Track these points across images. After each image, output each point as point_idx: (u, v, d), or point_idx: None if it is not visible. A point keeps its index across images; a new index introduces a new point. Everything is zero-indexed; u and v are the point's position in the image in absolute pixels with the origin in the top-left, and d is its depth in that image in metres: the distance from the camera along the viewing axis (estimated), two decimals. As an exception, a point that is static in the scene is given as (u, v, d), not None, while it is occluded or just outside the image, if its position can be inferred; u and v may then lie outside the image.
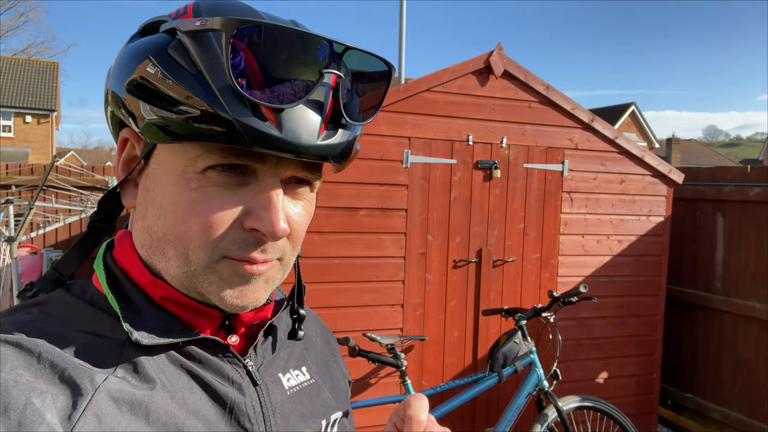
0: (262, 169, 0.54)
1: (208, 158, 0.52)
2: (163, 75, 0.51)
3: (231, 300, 0.55)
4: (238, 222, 0.54)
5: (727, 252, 4.03)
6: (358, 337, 3.14)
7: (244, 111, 0.49)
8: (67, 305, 0.56)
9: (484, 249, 3.51)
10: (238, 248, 0.54)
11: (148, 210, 0.56)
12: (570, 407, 2.96)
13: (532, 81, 3.52)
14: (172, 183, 0.54)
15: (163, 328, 0.56)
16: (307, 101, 0.52)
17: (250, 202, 0.54)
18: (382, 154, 3.25)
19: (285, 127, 0.50)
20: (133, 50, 0.54)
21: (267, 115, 0.50)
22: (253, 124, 0.49)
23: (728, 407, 3.97)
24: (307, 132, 0.51)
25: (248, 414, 0.57)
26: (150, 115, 0.52)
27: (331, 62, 0.53)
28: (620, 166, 3.80)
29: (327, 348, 0.78)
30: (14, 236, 3.77)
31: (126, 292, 0.58)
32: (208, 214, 0.52)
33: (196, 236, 0.53)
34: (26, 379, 0.46)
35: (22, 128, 25.87)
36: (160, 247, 0.55)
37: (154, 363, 0.54)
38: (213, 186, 0.53)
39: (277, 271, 0.59)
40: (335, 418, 0.69)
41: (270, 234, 0.53)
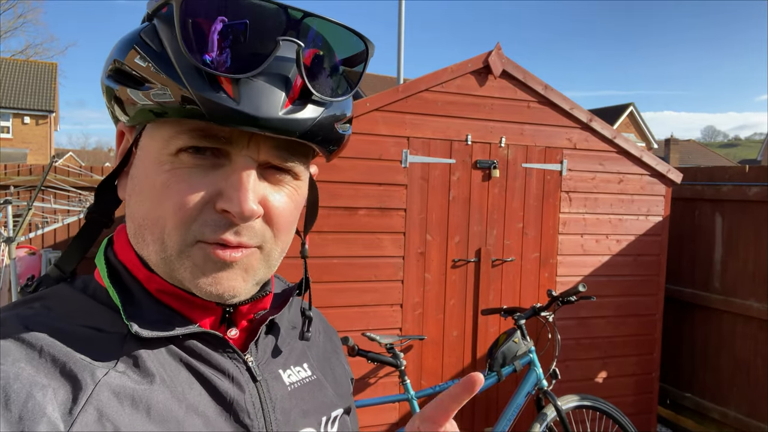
0: (234, 151, 0.53)
1: (178, 139, 0.52)
2: (136, 58, 0.52)
3: (206, 287, 0.54)
4: (211, 204, 0.53)
5: (725, 251, 4.04)
6: (357, 336, 3.14)
7: (202, 84, 0.49)
8: (69, 299, 0.57)
9: (483, 248, 3.51)
10: (210, 230, 0.53)
11: (132, 197, 0.57)
12: (569, 406, 2.96)
13: (530, 81, 3.52)
14: (149, 167, 0.54)
15: (163, 321, 0.56)
16: (269, 74, 0.50)
17: (221, 182, 0.53)
18: (380, 154, 3.25)
19: (243, 99, 0.49)
20: (117, 41, 0.56)
21: (227, 89, 0.49)
22: (209, 96, 0.48)
23: (727, 406, 3.97)
24: (267, 104, 0.50)
25: (248, 410, 0.57)
26: (127, 98, 0.53)
27: (288, 30, 0.51)
28: (619, 165, 3.80)
29: (329, 345, 0.78)
30: (13, 237, 3.77)
31: (126, 285, 0.58)
32: (180, 195, 0.52)
33: (170, 219, 0.53)
34: (28, 372, 0.46)
35: (20, 129, 25.83)
36: (141, 233, 0.56)
37: (154, 357, 0.54)
38: (185, 168, 0.53)
39: (258, 260, 0.57)
40: (336, 414, 0.68)
41: (238, 214, 0.52)
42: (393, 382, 3.34)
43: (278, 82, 0.51)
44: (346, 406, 0.72)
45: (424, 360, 3.44)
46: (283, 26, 0.51)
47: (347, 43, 0.56)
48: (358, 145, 3.18)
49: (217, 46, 0.49)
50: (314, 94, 0.53)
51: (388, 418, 3.34)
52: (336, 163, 3.11)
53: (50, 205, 4.77)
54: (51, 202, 4.87)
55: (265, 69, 0.50)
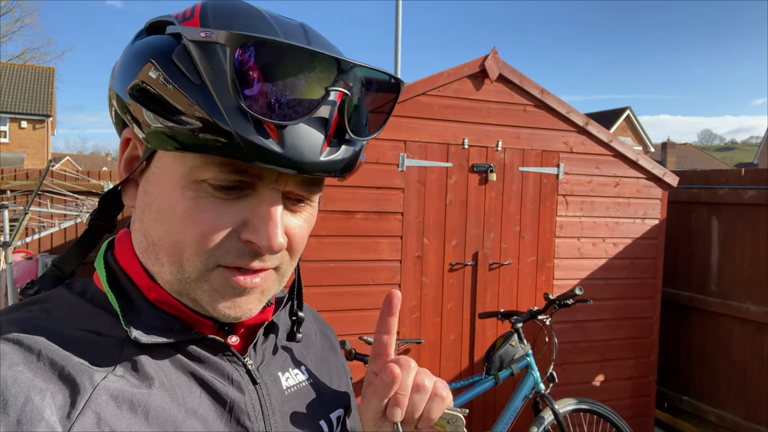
0: (261, 184, 0.53)
1: (206, 170, 0.51)
2: (166, 81, 0.49)
3: (224, 311, 0.55)
4: (235, 233, 0.53)
5: (722, 254, 4.05)
6: (354, 340, 3.14)
7: (246, 126, 0.48)
8: (68, 303, 0.57)
9: (480, 252, 3.52)
10: (233, 257, 0.53)
11: (145, 213, 0.56)
12: (566, 410, 2.96)
13: (527, 85, 3.54)
14: (170, 189, 0.53)
15: (162, 327, 0.56)
16: (311, 118, 0.51)
17: (247, 213, 0.53)
18: (378, 158, 3.25)
19: (287, 144, 0.49)
20: (137, 50, 0.53)
21: (269, 131, 0.49)
22: (254, 140, 0.48)
23: (724, 409, 3.97)
24: (309, 149, 0.51)
25: (248, 412, 0.57)
26: (153, 122, 0.51)
27: (337, 80, 0.51)
28: (615, 169, 3.82)
29: (326, 344, 0.78)
30: (9, 241, 3.76)
31: (126, 291, 0.58)
32: (204, 224, 0.52)
33: (191, 245, 0.53)
34: (26, 376, 0.46)
35: (17, 134, 25.81)
36: (155, 251, 0.55)
37: (153, 362, 0.54)
38: (210, 197, 0.52)
39: (273, 281, 0.58)
40: (337, 416, 0.69)
41: (267, 249, 0.53)
42: (390, 386, 3.33)
43: (318, 125, 0.51)
44: (346, 405, 0.72)
45: (421, 363, 3.44)
46: (334, 77, 0.51)
47: (381, 84, 0.57)
48: (355, 149, 3.18)
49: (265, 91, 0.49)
50: (348, 134, 0.53)
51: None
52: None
53: (47, 209, 4.77)
54: (48, 207, 4.86)
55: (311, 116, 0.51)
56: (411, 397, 0.61)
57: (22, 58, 32.19)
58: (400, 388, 0.61)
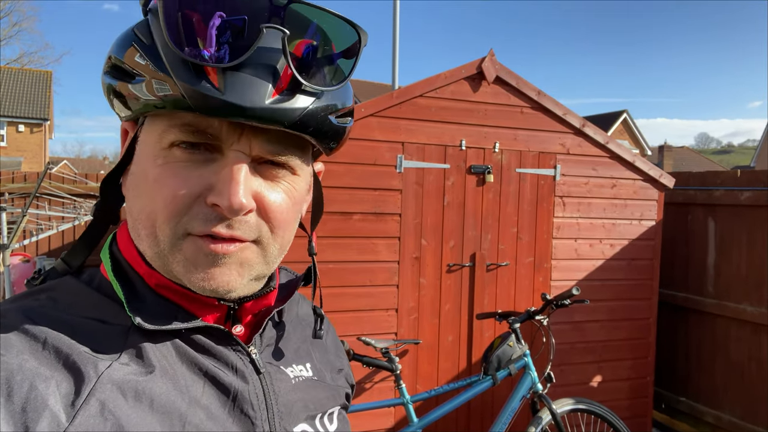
0: (225, 146, 0.53)
1: (170, 134, 0.52)
2: (129, 52, 0.52)
3: (199, 282, 0.54)
4: (202, 198, 0.53)
5: (718, 255, 4.06)
6: (352, 341, 3.14)
7: (188, 75, 0.49)
8: (75, 291, 0.57)
9: (477, 253, 3.53)
10: (200, 223, 0.53)
11: (129, 192, 0.58)
12: (564, 410, 2.96)
13: (523, 87, 3.55)
14: (144, 162, 0.55)
15: (166, 315, 0.57)
16: (256, 63, 0.50)
17: (212, 176, 0.52)
18: (375, 159, 3.27)
19: (229, 89, 0.49)
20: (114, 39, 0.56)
21: (212, 79, 0.49)
22: (194, 86, 0.48)
23: (721, 410, 3.98)
24: (253, 93, 0.49)
25: (251, 401, 0.57)
26: (121, 91, 0.54)
27: (272, 17, 0.51)
28: (612, 170, 3.83)
29: (333, 348, 0.79)
30: (7, 244, 3.76)
31: (130, 279, 0.58)
32: (171, 189, 0.52)
33: (161, 212, 0.53)
34: (31, 364, 0.47)
35: (15, 137, 25.77)
36: (136, 227, 0.56)
37: (157, 350, 0.54)
38: (178, 162, 0.53)
39: (254, 254, 0.56)
40: (337, 413, 0.69)
41: (227, 208, 0.51)
42: (388, 387, 3.34)
43: (265, 71, 0.50)
44: (343, 404, 0.73)
45: (419, 364, 3.44)
46: (266, 13, 0.50)
47: (339, 31, 0.55)
48: (353, 151, 3.20)
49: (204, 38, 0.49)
50: (303, 83, 0.52)
51: (383, 423, 3.34)
52: (331, 168, 3.12)
53: (45, 212, 4.77)
54: (46, 209, 4.86)
55: (251, 59, 0.50)
56: None
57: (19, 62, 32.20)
58: None
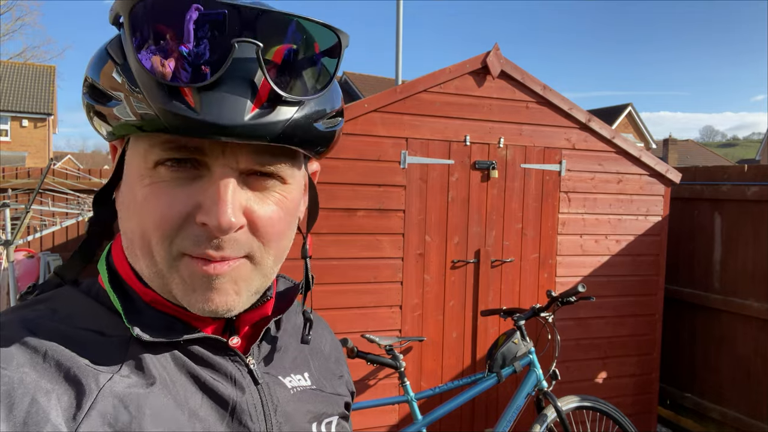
0: (211, 161, 0.51)
1: (152, 153, 0.51)
2: (103, 71, 0.51)
3: (198, 304, 0.53)
4: (191, 217, 0.51)
5: (724, 251, 4.03)
6: (356, 338, 3.13)
7: (162, 96, 0.47)
8: (74, 301, 0.57)
9: (482, 249, 3.51)
10: (191, 243, 0.51)
11: (121, 211, 0.57)
12: (569, 407, 2.95)
13: (529, 81, 3.52)
14: (132, 181, 0.54)
15: (165, 326, 0.56)
16: (231, 78, 0.47)
17: (200, 195, 0.51)
18: (379, 155, 3.25)
19: (205, 108, 0.47)
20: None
21: (187, 98, 0.47)
22: (168, 108, 0.46)
23: (727, 406, 3.96)
24: (230, 110, 0.47)
25: (249, 412, 0.57)
26: (99, 111, 0.52)
27: (243, 30, 0.48)
28: (617, 165, 3.80)
29: (333, 355, 0.78)
30: (11, 240, 3.76)
31: (127, 292, 0.58)
32: (160, 210, 0.51)
33: (153, 232, 0.52)
34: (31, 377, 0.46)
35: (18, 132, 25.81)
36: (132, 248, 0.55)
37: (157, 362, 0.54)
38: (164, 181, 0.51)
39: (249, 271, 0.55)
40: (335, 422, 0.69)
41: (216, 228, 0.50)
42: (392, 384, 3.33)
43: (241, 86, 0.48)
44: (342, 413, 0.72)
45: (423, 361, 3.43)
46: (238, 28, 0.48)
47: (317, 36, 0.52)
48: (356, 146, 3.18)
49: (175, 56, 0.47)
50: (283, 95, 0.49)
51: (387, 420, 3.34)
52: (334, 165, 3.11)
53: (48, 207, 4.77)
54: (49, 205, 4.86)
55: (226, 74, 0.47)
56: None
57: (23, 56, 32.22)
58: None
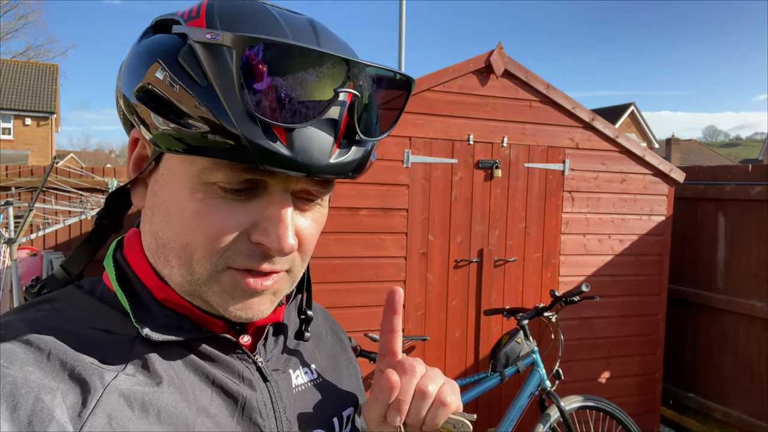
0: (273, 183, 0.52)
1: (216, 171, 0.50)
2: (172, 82, 0.49)
3: (236, 312, 0.55)
4: (245, 234, 0.52)
5: (728, 251, 4.02)
6: (359, 337, 3.13)
7: (254, 129, 0.47)
8: (78, 301, 0.56)
9: (485, 249, 3.50)
10: (242, 258, 0.53)
11: (155, 214, 0.56)
12: (572, 407, 2.95)
13: (532, 80, 3.52)
14: (178, 191, 0.53)
15: (173, 325, 0.56)
16: (320, 120, 0.50)
17: (257, 215, 0.52)
18: (382, 154, 3.24)
19: (296, 147, 0.48)
20: (143, 51, 0.52)
21: (278, 134, 0.48)
22: (262, 143, 0.47)
23: (730, 406, 3.96)
24: (319, 151, 0.50)
25: (259, 410, 0.58)
26: (160, 124, 0.50)
27: (346, 81, 0.50)
28: (621, 165, 3.79)
29: (338, 344, 0.79)
30: (14, 238, 3.76)
31: (135, 290, 0.57)
32: (213, 225, 0.51)
33: (201, 247, 0.52)
34: (36, 376, 0.46)
35: (21, 131, 25.87)
36: (164, 253, 0.55)
37: (164, 361, 0.54)
38: (219, 198, 0.52)
39: (285, 283, 0.58)
40: (347, 414, 0.69)
41: (278, 251, 0.52)
42: (395, 383, 3.33)
43: (328, 127, 0.50)
44: (355, 403, 0.71)
45: (426, 360, 3.43)
46: (343, 78, 0.50)
47: (390, 83, 0.55)
48: (359, 145, 3.17)
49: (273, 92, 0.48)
50: (359, 135, 0.52)
51: (390, 419, 3.33)
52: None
53: (51, 206, 4.77)
54: (52, 203, 4.87)
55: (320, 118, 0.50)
56: (413, 403, 0.60)
57: (26, 55, 32.27)
58: (401, 393, 0.59)
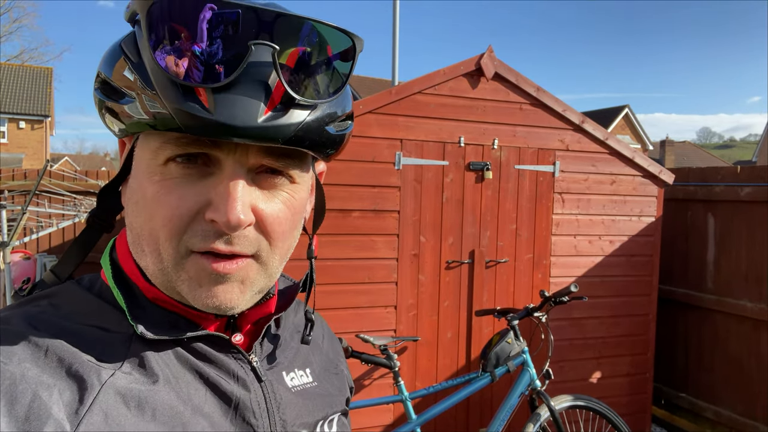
0: (223, 157, 0.51)
1: (165, 149, 0.51)
2: (117, 69, 0.51)
3: (203, 300, 0.53)
4: (201, 214, 0.52)
5: (718, 252, 4.06)
6: (351, 338, 3.15)
7: (177, 96, 0.47)
8: (76, 297, 0.57)
9: (476, 250, 3.53)
10: (199, 239, 0.52)
11: (128, 207, 0.57)
12: (562, 406, 2.97)
13: (522, 83, 3.54)
14: (141, 178, 0.54)
15: (168, 323, 0.57)
16: (246, 80, 0.48)
17: (210, 192, 0.51)
18: (374, 156, 3.26)
19: (219, 110, 0.47)
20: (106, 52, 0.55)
21: (202, 99, 0.48)
22: (182, 107, 0.47)
23: (721, 406, 3.99)
24: (244, 112, 0.48)
25: (253, 410, 0.57)
26: (110, 107, 0.53)
27: (260, 33, 0.48)
28: (611, 166, 3.83)
29: (332, 352, 0.78)
30: (7, 241, 3.76)
31: (131, 288, 0.58)
32: (170, 207, 0.51)
33: (161, 230, 0.52)
34: (33, 372, 0.46)
35: (15, 134, 25.77)
36: (139, 243, 0.55)
37: (159, 359, 0.54)
38: (175, 178, 0.52)
39: (255, 272, 0.56)
40: (333, 418, 0.69)
41: (225, 224, 0.50)
42: (387, 384, 3.34)
43: (256, 88, 0.48)
44: (344, 410, 0.73)
45: (418, 361, 3.45)
46: (254, 29, 0.48)
47: (332, 40, 0.53)
48: (351, 148, 3.19)
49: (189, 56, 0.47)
50: (296, 98, 0.50)
51: (382, 420, 3.35)
52: (330, 166, 3.11)
53: (45, 209, 4.77)
54: (46, 207, 4.86)
55: (240, 76, 0.48)
56: None
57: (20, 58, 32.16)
58: None
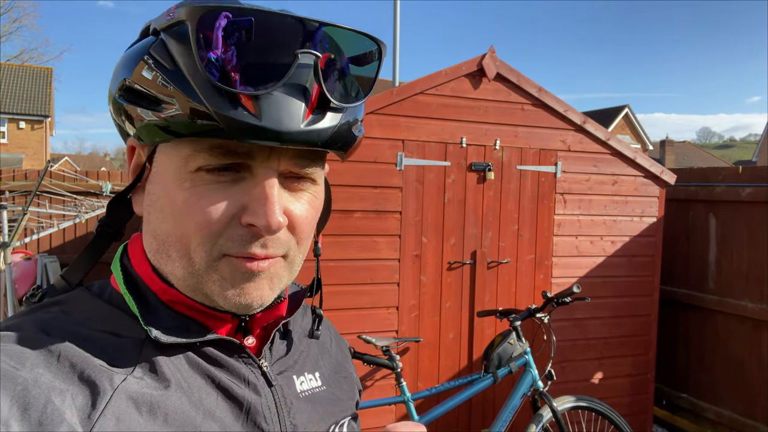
0: (255, 164, 0.52)
1: (197, 158, 0.52)
2: (148, 74, 0.51)
3: (234, 298, 0.55)
4: (236, 218, 0.53)
5: (719, 252, 4.06)
6: (353, 339, 3.14)
7: (221, 102, 0.48)
8: (87, 303, 0.57)
9: (478, 251, 3.52)
10: (237, 244, 0.53)
11: (151, 214, 0.57)
12: (565, 407, 2.97)
13: (524, 83, 3.54)
14: (168, 185, 0.54)
15: (180, 328, 0.57)
16: (288, 85, 0.50)
17: (245, 197, 0.52)
18: (375, 157, 3.26)
19: (264, 115, 0.49)
20: (124, 56, 0.55)
21: (246, 105, 0.49)
22: (230, 114, 0.48)
23: (722, 406, 3.98)
24: (289, 117, 0.49)
25: (264, 414, 0.58)
26: (140, 117, 0.52)
27: (306, 42, 0.50)
28: (613, 167, 3.82)
29: (340, 355, 0.79)
30: (8, 242, 3.76)
31: (142, 293, 0.58)
32: (202, 212, 0.52)
33: (194, 235, 0.53)
34: (46, 378, 0.47)
35: (15, 134, 25.78)
36: (165, 249, 0.55)
37: (171, 364, 0.54)
38: (206, 185, 0.52)
39: (282, 269, 0.57)
40: (347, 423, 0.70)
41: (265, 228, 0.52)
42: (389, 385, 3.34)
43: (297, 93, 0.50)
44: (353, 414, 0.73)
45: (420, 362, 3.45)
46: (301, 38, 0.50)
47: (360, 46, 0.55)
48: (353, 148, 3.19)
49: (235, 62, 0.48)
50: (332, 101, 0.52)
51: (384, 420, 3.35)
52: (331, 167, 3.09)
53: (46, 209, 4.77)
54: (47, 207, 4.86)
55: (285, 82, 0.50)
56: None
57: (20, 58, 32.15)
58: None
